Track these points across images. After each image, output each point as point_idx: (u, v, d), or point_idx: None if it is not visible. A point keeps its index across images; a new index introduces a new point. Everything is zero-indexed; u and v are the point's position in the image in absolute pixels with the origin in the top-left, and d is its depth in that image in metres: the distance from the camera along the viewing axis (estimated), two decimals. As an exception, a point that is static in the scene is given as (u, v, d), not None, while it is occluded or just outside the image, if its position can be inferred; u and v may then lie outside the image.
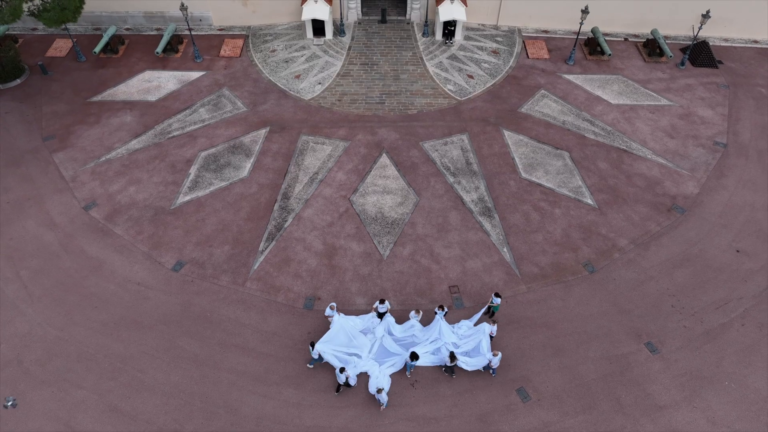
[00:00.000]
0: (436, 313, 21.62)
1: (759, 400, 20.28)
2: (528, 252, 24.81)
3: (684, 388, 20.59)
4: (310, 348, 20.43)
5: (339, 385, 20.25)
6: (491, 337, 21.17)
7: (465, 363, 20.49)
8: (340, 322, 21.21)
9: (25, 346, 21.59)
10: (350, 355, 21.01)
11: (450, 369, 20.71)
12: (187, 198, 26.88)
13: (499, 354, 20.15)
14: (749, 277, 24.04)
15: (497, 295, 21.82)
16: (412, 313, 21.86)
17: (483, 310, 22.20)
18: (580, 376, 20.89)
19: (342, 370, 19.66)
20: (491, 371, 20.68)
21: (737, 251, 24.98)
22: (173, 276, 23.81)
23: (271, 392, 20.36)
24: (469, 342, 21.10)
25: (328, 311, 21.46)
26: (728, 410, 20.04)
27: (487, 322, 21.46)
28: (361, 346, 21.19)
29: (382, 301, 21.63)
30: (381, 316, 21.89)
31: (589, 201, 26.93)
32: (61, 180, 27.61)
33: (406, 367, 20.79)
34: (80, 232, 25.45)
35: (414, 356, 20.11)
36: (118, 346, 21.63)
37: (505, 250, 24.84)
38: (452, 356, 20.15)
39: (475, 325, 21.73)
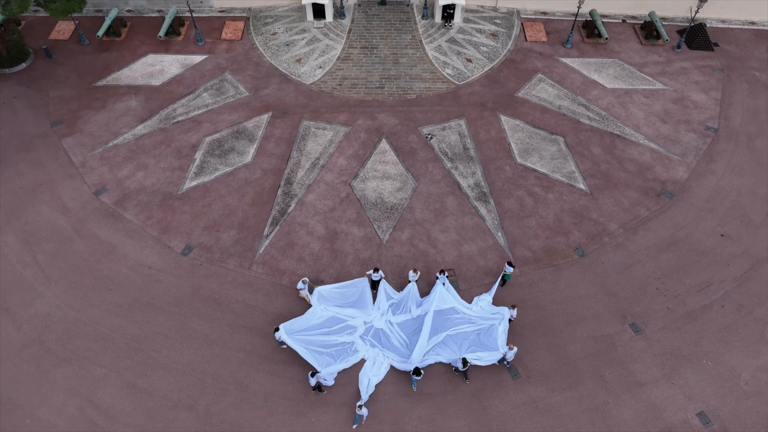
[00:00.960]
0: (437, 277, 23.03)
1: (733, 377, 21.72)
2: (521, 236, 25.93)
3: (664, 366, 22.00)
4: (275, 333, 21.29)
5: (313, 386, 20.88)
6: (510, 320, 22.41)
7: (479, 359, 21.34)
8: (317, 308, 22.52)
9: (46, 327, 22.93)
10: (337, 335, 22.13)
11: (464, 373, 21.39)
12: (194, 183, 27.85)
13: (515, 348, 21.22)
14: (731, 260, 25.22)
15: (510, 264, 23.16)
16: (411, 273, 23.25)
17: (498, 281, 23.50)
18: (568, 355, 22.28)
19: (313, 374, 20.33)
20: (506, 363, 21.77)
21: (721, 235, 26.10)
22: (183, 260, 25.00)
23: (278, 370, 21.77)
24: (485, 323, 22.34)
25: (300, 285, 22.73)
26: (704, 386, 21.49)
27: (508, 307, 22.62)
28: (354, 322, 22.47)
29: (376, 270, 22.96)
30: (375, 285, 23.17)
31: (582, 186, 27.90)
32: (70, 165, 28.52)
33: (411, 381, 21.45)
34: (92, 217, 26.52)
35: (417, 371, 20.73)
36: (132, 327, 22.97)
37: (499, 234, 25.96)
38: (464, 361, 20.72)
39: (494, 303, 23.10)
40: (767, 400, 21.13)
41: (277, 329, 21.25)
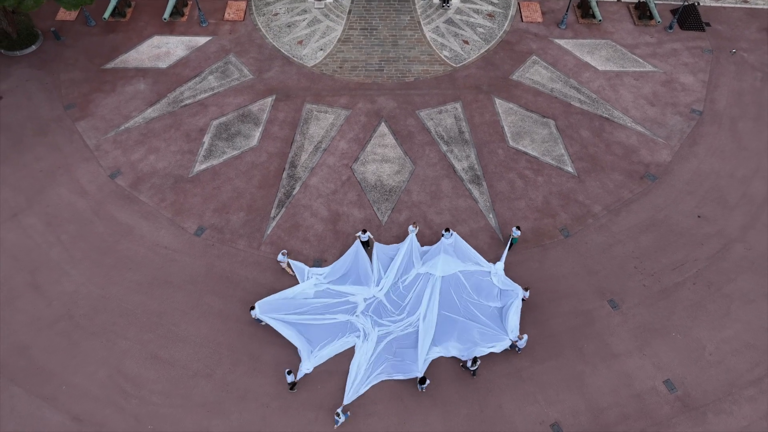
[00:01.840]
0: (443, 235, 25.26)
1: (698, 348, 23.98)
2: (511, 218, 27.75)
3: (637, 339, 24.23)
4: (251, 311, 23.49)
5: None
6: (523, 300, 24.40)
7: (494, 347, 23.25)
8: (305, 284, 24.65)
9: (73, 303, 25.06)
10: (332, 314, 24.12)
11: (473, 371, 22.96)
12: (203, 166, 29.46)
13: (525, 336, 23.21)
14: (706, 240, 27.13)
15: (518, 228, 25.66)
16: (410, 227, 25.56)
17: (508, 246, 25.73)
18: (550, 328, 24.46)
19: (290, 371, 22.11)
20: (517, 350, 23.63)
21: (698, 217, 27.91)
22: (196, 240, 26.91)
23: (286, 342, 23.95)
24: (500, 300, 24.36)
25: (280, 257, 24.84)
26: (672, 357, 23.78)
27: (522, 287, 24.68)
28: (354, 299, 24.53)
29: (364, 231, 25.18)
30: (365, 245, 25.32)
31: (570, 169, 29.52)
32: (86, 149, 30.05)
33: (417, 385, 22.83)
34: (109, 200, 28.27)
35: (422, 380, 22.16)
36: (152, 303, 25.09)
37: (491, 216, 27.78)
38: (474, 360, 22.39)
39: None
40: (728, 368, 23.45)
41: (252, 308, 23.47)
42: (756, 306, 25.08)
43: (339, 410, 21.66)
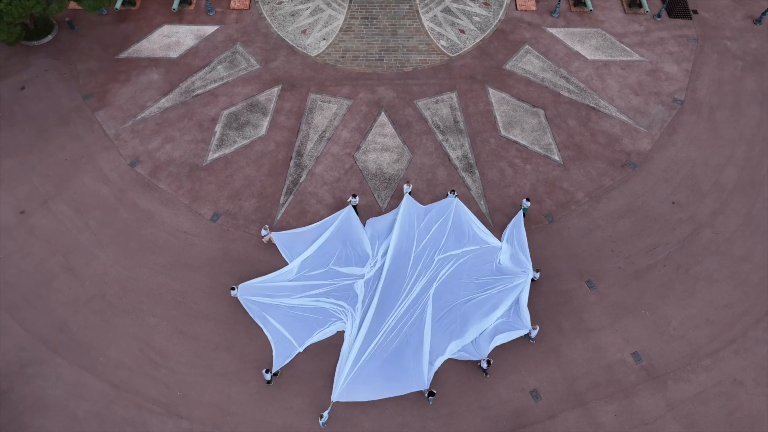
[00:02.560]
0: (447, 195, 28.39)
1: (664, 324, 26.88)
2: (501, 204, 30.23)
3: (610, 316, 27.12)
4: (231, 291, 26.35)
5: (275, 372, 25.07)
6: (533, 280, 27.02)
7: (509, 336, 25.84)
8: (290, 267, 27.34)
9: (105, 284, 27.85)
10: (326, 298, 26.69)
11: (485, 370, 25.30)
12: (216, 155, 31.72)
13: (537, 327, 25.88)
14: (678, 225, 29.68)
15: (528, 199, 28.49)
16: (405, 186, 28.49)
17: (522, 217, 28.50)
18: (533, 306, 27.22)
19: (268, 370, 24.42)
20: (531, 340, 26.23)
21: (672, 203, 30.36)
22: (212, 226, 29.47)
23: (297, 319, 26.88)
24: (509, 283, 26.83)
25: (263, 232, 27.64)
26: (640, 332, 26.73)
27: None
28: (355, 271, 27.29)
29: (354, 195, 28.25)
30: (355, 209, 28.24)
31: (556, 157, 31.78)
32: (106, 138, 32.23)
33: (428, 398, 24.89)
34: (130, 187, 30.68)
35: (431, 393, 24.31)
36: (175, 284, 27.87)
37: (482, 203, 30.24)
38: (489, 363, 24.94)
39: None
40: (689, 342, 26.44)
41: (233, 288, 26.26)
42: (719, 286, 27.87)
43: (324, 413, 23.91)
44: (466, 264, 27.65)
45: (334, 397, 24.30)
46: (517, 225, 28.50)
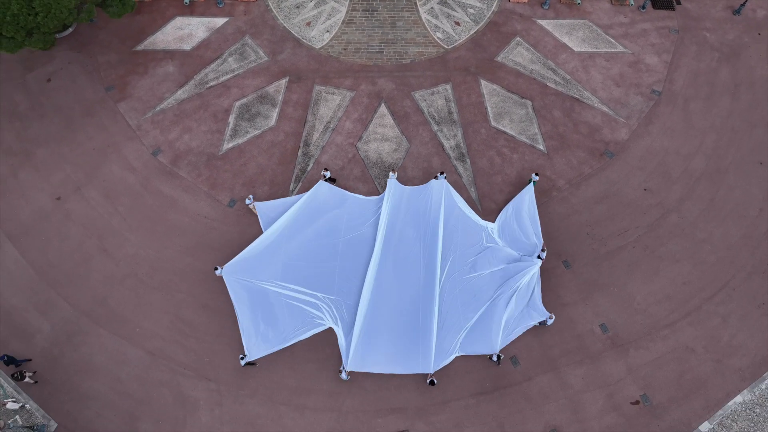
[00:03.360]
0: (436, 177, 31.45)
1: (630, 299, 30.61)
2: (489, 191, 33.47)
3: (582, 292, 30.82)
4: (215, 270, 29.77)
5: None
6: (540, 259, 30.22)
7: (525, 328, 29.21)
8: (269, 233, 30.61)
9: (136, 264, 31.44)
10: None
11: (497, 361, 28.44)
12: (230, 145, 34.74)
13: (553, 317, 29.23)
14: (648, 210, 33.01)
15: (536, 174, 31.86)
16: (390, 173, 31.45)
17: (533, 188, 31.85)
18: (515, 283, 30.95)
19: (242, 357, 27.74)
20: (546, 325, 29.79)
21: (645, 190, 33.59)
22: (229, 211, 32.81)
23: (307, 295, 30.59)
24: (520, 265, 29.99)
25: (247, 201, 31.06)
26: (608, 306, 30.48)
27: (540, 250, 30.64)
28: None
29: (326, 169, 31.58)
30: (332, 181, 31.62)
31: (541, 147, 34.80)
32: (128, 129, 35.15)
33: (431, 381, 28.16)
34: (154, 175, 33.85)
35: (432, 383, 27.71)
36: (199, 264, 31.43)
37: (472, 189, 33.48)
38: (499, 357, 28.25)
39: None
40: (650, 315, 30.21)
41: (216, 268, 29.66)
42: (680, 265, 31.46)
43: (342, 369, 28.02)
44: (457, 240, 30.92)
45: (348, 367, 28.12)
46: (529, 199, 31.56)
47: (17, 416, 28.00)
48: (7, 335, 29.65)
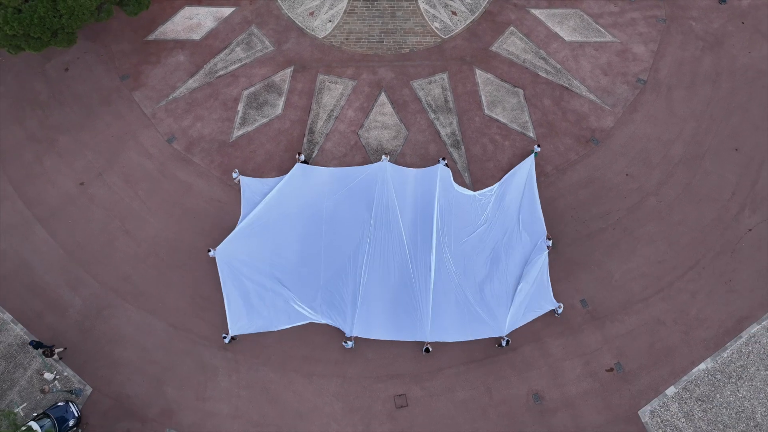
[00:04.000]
0: (438, 162, 33.88)
1: (608, 277, 33.57)
2: (481, 176, 36.01)
3: (565, 270, 33.72)
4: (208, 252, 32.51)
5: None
6: (548, 248, 32.89)
7: (535, 315, 31.94)
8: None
9: (157, 244, 34.26)
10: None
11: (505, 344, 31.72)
12: (240, 132, 37.09)
13: (562, 306, 31.96)
14: (629, 194, 35.61)
15: (539, 145, 34.49)
16: (383, 156, 33.98)
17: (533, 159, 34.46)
18: (504, 262, 33.84)
19: (225, 336, 31.06)
20: (557, 315, 32.33)
21: (626, 175, 36.11)
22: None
23: (314, 273, 33.53)
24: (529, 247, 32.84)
25: (233, 175, 33.56)
26: (587, 283, 33.45)
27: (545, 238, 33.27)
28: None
29: (299, 153, 34.01)
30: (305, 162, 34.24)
31: (531, 134, 37.15)
32: (144, 117, 37.43)
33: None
34: (170, 161, 36.33)
35: (427, 351, 31.12)
36: (215, 244, 34.10)
37: (466, 175, 36.00)
38: (508, 342, 31.27)
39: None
40: (626, 291, 33.19)
41: (210, 250, 32.40)
42: (656, 245, 34.28)
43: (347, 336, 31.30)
44: (455, 215, 33.56)
45: (350, 333, 31.21)
46: (529, 175, 34.05)
47: (56, 382, 31.33)
48: (42, 309, 32.74)
